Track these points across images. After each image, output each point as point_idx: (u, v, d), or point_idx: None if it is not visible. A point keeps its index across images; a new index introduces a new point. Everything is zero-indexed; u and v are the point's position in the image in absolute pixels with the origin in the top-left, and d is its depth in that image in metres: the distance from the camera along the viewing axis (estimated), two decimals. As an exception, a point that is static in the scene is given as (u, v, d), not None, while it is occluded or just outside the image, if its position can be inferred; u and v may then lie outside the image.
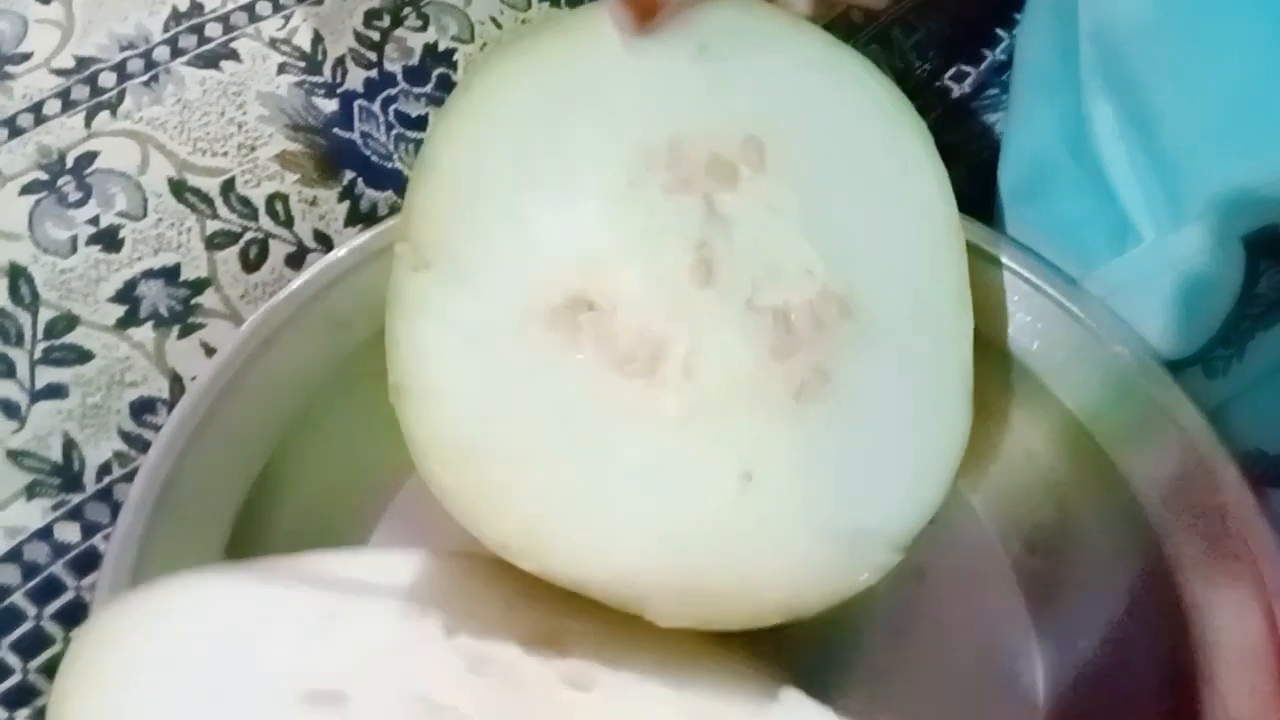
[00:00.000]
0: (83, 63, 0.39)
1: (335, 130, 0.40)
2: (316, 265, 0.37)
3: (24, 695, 0.34)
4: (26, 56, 0.39)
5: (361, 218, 0.40)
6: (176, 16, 0.40)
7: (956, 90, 0.48)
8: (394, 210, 0.40)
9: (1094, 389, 0.35)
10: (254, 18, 0.41)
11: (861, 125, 0.32)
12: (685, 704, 0.27)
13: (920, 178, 0.32)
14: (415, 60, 0.41)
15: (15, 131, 0.38)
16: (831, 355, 0.30)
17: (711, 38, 0.31)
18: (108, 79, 0.39)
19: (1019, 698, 0.35)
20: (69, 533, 0.35)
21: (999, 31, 0.47)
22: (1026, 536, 0.37)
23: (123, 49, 0.40)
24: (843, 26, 0.36)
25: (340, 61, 0.40)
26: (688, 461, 0.28)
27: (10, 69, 0.39)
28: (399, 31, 0.41)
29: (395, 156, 0.40)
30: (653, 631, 0.29)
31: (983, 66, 0.48)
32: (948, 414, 0.31)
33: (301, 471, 0.34)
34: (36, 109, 0.38)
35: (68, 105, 0.38)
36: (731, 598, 0.28)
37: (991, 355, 0.36)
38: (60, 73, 0.39)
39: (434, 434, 0.28)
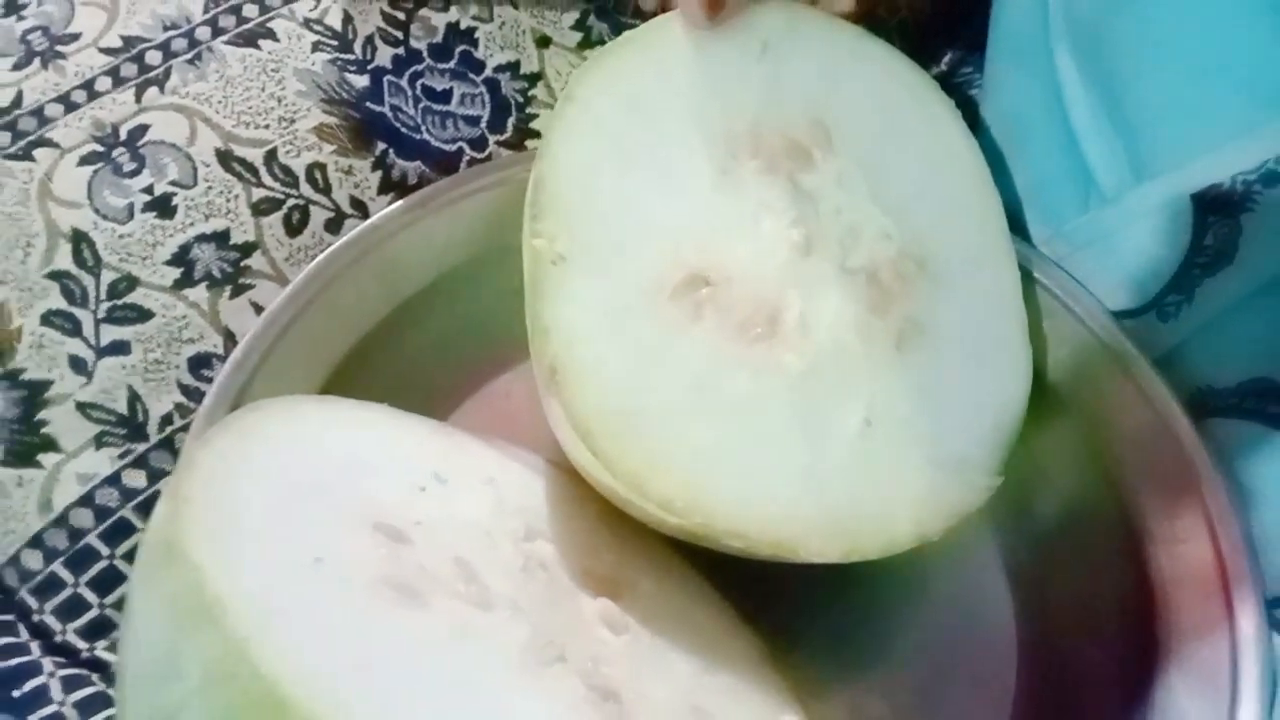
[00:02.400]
0: (129, 42, 0.42)
1: (367, 104, 0.42)
2: (375, 217, 0.40)
3: (100, 628, 0.37)
4: (75, 37, 0.42)
5: (393, 186, 0.43)
6: (214, -2, 0.43)
7: (934, 69, 0.52)
8: (423, 179, 0.43)
9: (1059, 350, 0.40)
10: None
11: (902, 105, 0.37)
12: (690, 685, 0.30)
13: (954, 145, 0.38)
14: (439, 38, 0.44)
15: (70, 107, 0.40)
16: (918, 306, 0.35)
17: (771, 37, 0.36)
18: (154, 57, 0.42)
19: (992, 640, 0.39)
20: (136, 479, 0.38)
21: (973, 13, 0.51)
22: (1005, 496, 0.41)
23: (166, 29, 0.42)
24: (869, 22, 0.40)
25: (370, 40, 0.43)
26: (815, 412, 0.33)
27: (61, 48, 0.41)
28: (423, 11, 0.44)
29: (423, 129, 0.43)
30: (706, 625, 0.33)
31: (959, 45, 0.52)
32: (1014, 348, 0.36)
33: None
34: (89, 85, 0.41)
35: (118, 82, 0.41)
36: (869, 530, 0.32)
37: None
38: (109, 51, 0.42)
39: (594, 408, 0.31)
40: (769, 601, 0.37)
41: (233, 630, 0.21)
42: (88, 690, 0.35)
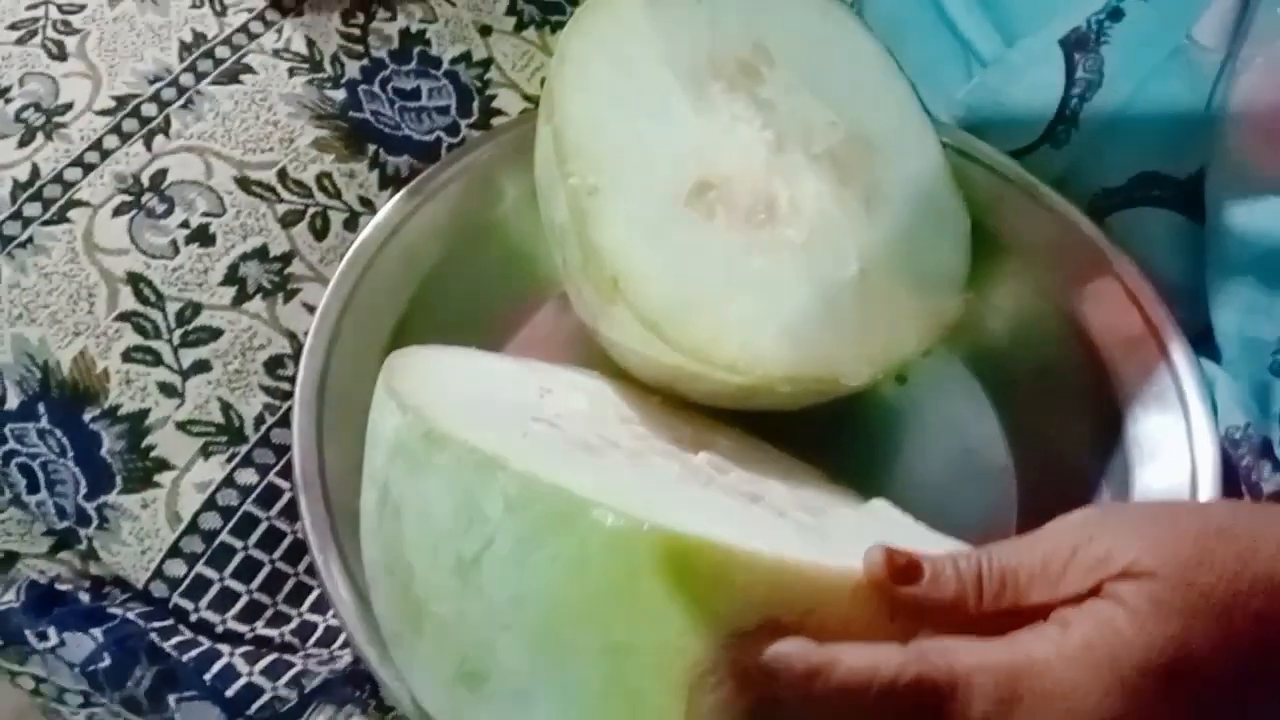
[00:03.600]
0: (122, 101, 0.45)
1: (350, 113, 0.47)
2: (382, 211, 0.45)
3: (255, 611, 0.41)
4: (69, 106, 0.45)
5: (390, 181, 0.48)
6: (186, 47, 0.47)
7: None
8: (414, 171, 0.48)
9: (975, 194, 0.47)
10: (251, 36, 0.47)
11: (817, 18, 0.46)
12: (796, 495, 0.37)
13: (864, 45, 0.47)
14: (396, 44, 0.49)
15: (87, 168, 0.44)
16: (874, 175, 0.43)
17: None
18: (149, 109, 0.45)
19: (986, 442, 0.47)
20: (248, 476, 0.42)
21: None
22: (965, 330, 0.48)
23: (151, 82, 0.46)
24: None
25: (335, 57, 0.48)
26: (821, 271, 0.41)
27: (59, 119, 0.44)
28: (374, 24, 0.49)
29: (403, 126, 0.48)
30: (778, 462, 0.41)
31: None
32: (949, 195, 0.45)
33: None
34: (98, 145, 0.44)
35: (124, 137, 0.44)
36: (885, 350, 0.41)
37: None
38: (105, 113, 0.45)
39: (656, 303, 0.38)
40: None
41: (519, 469, 0.26)
42: (268, 659, 0.39)
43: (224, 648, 0.39)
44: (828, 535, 0.32)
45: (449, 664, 0.28)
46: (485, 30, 0.51)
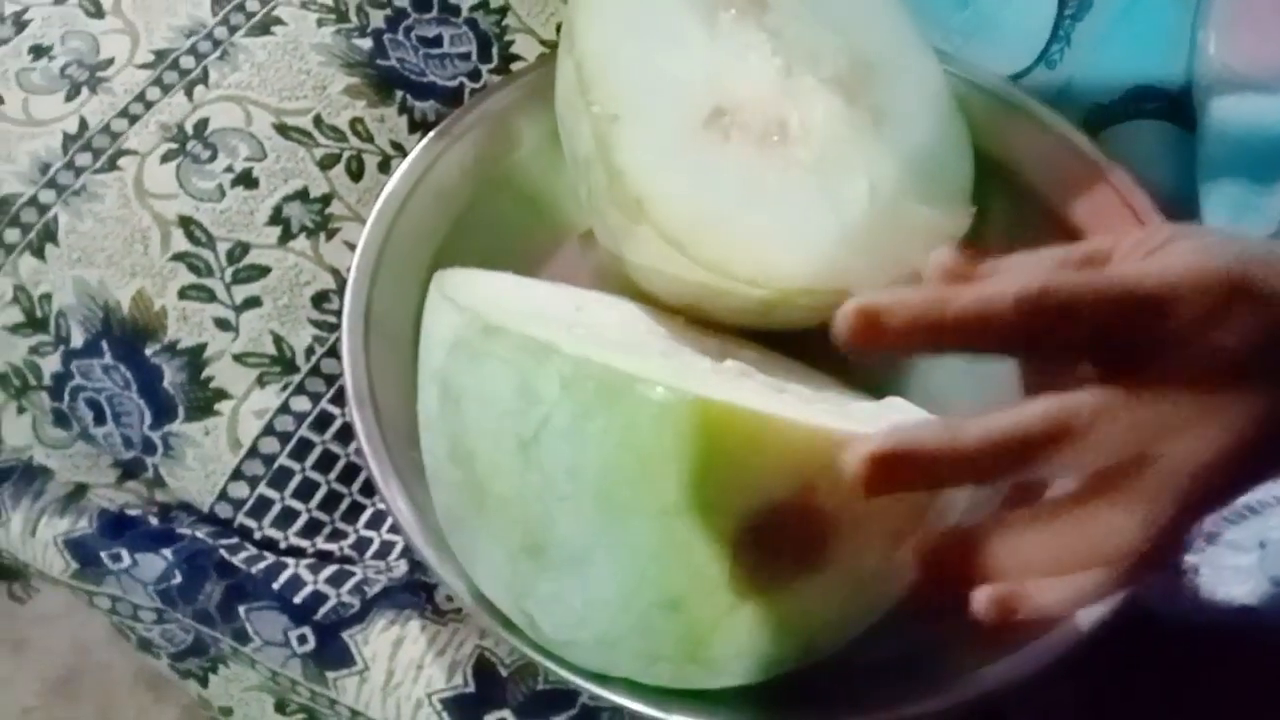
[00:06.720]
0: (160, 55, 0.47)
1: (378, 61, 0.49)
2: (412, 154, 0.47)
3: (314, 528, 0.44)
4: (110, 62, 0.47)
5: (418, 126, 0.50)
6: (217, 1, 0.49)
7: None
8: (439, 116, 0.50)
9: (975, 116, 0.49)
10: (279, -12, 0.50)
11: None
12: (819, 394, 0.40)
13: None
14: (416, -7, 0.51)
15: (133, 119, 0.46)
16: (879, 97, 0.45)
17: None
18: (188, 62, 0.47)
19: (991, 372, 0.49)
20: (301, 404, 0.44)
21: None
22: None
23: (188, 36, 0.48)
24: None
25: (360, 7, 0.50)
26: (832, 189, 0.43)
27: (101, 74, 0.47)
28: (396, -26, 0.51)
29: (427, 73, 0.51)
30: (799, 371, 0.43)
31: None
32: (952, 114, 0.47)
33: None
34: (141, 98, 0.46)
35: (165, 89, 0.47)
36: (898, 264, 0.42)
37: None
38: (145, 66, 0.47)
39: (679, 221, 0.40)
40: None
41: (572, 353, 0.29)
42: (331, 569, 0.42)
43: (289, 560, 0.42)
44: (852, 419, 0.35)
45: (512, 539, 0.31)
46: (501, -23, 0.53)
